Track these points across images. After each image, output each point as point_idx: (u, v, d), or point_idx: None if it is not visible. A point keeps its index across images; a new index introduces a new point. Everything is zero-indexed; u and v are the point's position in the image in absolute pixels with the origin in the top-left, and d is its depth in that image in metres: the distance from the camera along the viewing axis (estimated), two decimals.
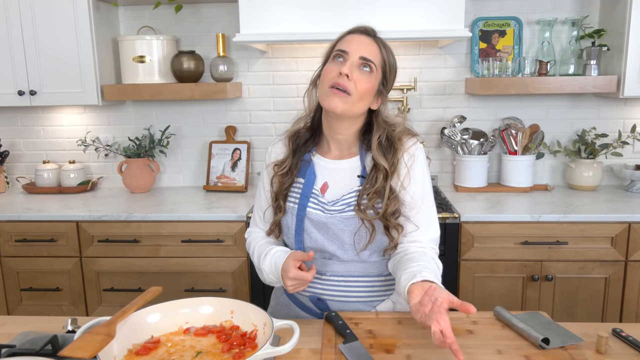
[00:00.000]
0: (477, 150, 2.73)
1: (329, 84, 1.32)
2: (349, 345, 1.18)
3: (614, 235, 2.27)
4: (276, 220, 1.45)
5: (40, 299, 2.52)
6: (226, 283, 2.44)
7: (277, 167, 1.45)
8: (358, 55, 1.32)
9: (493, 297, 2.36)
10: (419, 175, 1.39)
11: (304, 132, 1.47)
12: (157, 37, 2.70)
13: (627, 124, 2.78)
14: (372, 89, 1.35)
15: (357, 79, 1.31)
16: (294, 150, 1.45)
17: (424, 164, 1.42)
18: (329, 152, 1.45)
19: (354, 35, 1.36)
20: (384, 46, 1.37)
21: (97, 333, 1.05)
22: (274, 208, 1.46)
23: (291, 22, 2.35)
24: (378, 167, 1.36)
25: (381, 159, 1.35)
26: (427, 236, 1.40)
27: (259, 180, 1.57)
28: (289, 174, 1.44)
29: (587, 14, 2.69)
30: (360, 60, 1.32)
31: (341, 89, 1.30)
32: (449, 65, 2.82)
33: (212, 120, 2.95)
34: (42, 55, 2.58)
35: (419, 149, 1.41)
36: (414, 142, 1.42)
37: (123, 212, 2.43)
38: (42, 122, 3.00)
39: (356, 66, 1.32)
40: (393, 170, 1.36)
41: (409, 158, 1.39)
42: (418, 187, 1.39)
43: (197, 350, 1.12)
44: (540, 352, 1.15)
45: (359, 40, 1.34)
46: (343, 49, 1.33)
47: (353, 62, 1.32)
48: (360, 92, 1.32)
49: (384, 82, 1.38)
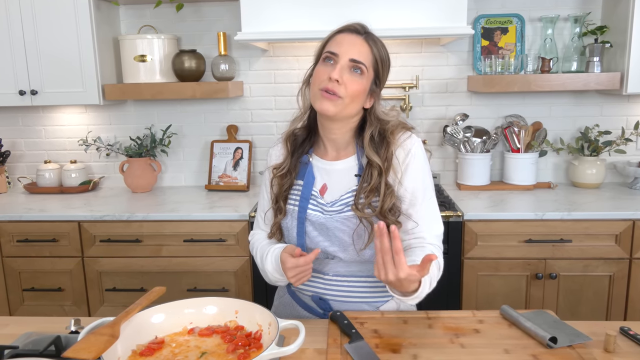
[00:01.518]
0: (480, 148, 2.72)
1: (319, 86, 1.31)
2: (354, 345, 1.17)
3: (619, 233, 2.26)
4: (276, 222, 1.45)
5: (42, 299, 2.51)
6: (229, 283, 2.43)
7: (276, 170, 1.44)
8: (348, 57, 1.29)
9: (497, 296, 2.35)
10: (416, 170, 1.36)
11: (300, 132, 1.46)
12: (158, 36, 2.69)
13: (630, 121, 2.77)
14: (363, 90, 1.33)
15: (347, 82, 1.29)
16: (291, 151, 1.44)
17: (421, 157, 1.38)
18: (326, 154, 1.44)
19: (344, 35, 1.33)
20: (374, 44, 1.33)
21: (101, 334, 1.04)
22: (274, 210, 1.45)
23: (293, 20, 2.34)
24: (372, 164, 1.34)
25: (373, 155, 1.34)
26: (431, 232, 1.38)
27: (262, 181, 1.56)
28: (288, 175, 1.43)
29: (590, 10, 2.68)
30: (350, 63, 1.30)
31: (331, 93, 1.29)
32: (451, 62, 2.80)
33: (214, 120, 2.94)
34: (43, 55, 2.57)
35: (415, 143, 1.38)
36: (409, 135, 1.39)
37: (125, 212, 2.42)
38: (43, 122, 2.99)
39: (346, 68, 1.30)
40: (387, 165, 1.34)
41: (403, 152, 1.36)
42: (417, 182, 1.37)
43: (201, 350, 1.11)
44: (548, 351, 1.14)
45: (348, 40, 1.31)
46: (333, 50, 1.31)
47: (343, 65, 1.29)
48: (352, 95, 1.30)
49: (377, 81, 1.36)
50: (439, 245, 1.39)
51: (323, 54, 1.33)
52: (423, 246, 1.35)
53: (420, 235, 1.37)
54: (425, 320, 1.31)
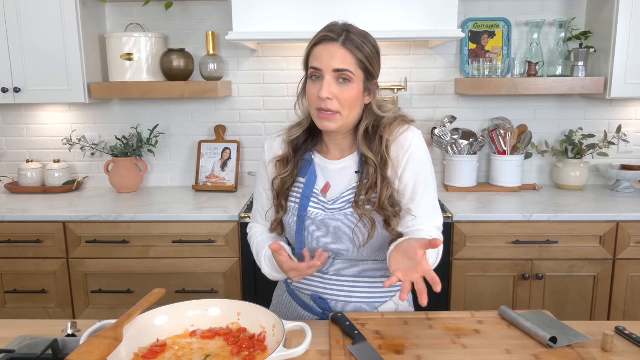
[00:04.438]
0: (467, 150, 2.75)
1: (315, 106, 1.31)
2: (358, 346, 1.17)
3: (603, 234, 2.31)
4: (278, 218, 1.44)
5: (25, 301, 2.45)
6: (217, 284, 2.41)
7: (280, 165, 1.43)
8: (331, 69, 1.27)
9: (484, 297, 2.38)
10: (416, 164, 1.34)
11: (302, 135, 1.44)
12: (146, 34, 2.65)
13: (612, 125, 2.83)
14: (357, 94, 1.31)
15: (338, 94, 1.28)
16: (294, 151, 1.43)
17: (421, 151, 1.36)
18: (329, 153, 1.43)
19: (322, 47, 1.29)
20: (353, 45, 1.27)
21: (104, 337, 1.02)
22: (275, 207, 1.45)
23: (284, 20, 2.33)
24: (367, 160, 1.34)
25: (366, 151, 1.33)
26: (431, 224, 1.36)
27: (257, 176, 1.55)
28: (290, 174, 1.42)
29: (574, 16, 2.73)
30: (335, 74, 1.27)
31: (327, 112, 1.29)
32: (439, 65, 2.83)
33: (201, 120, 2.91)
34: (27, 52, 2.51)
35: (414, 136, 1.35)
36: (406, 128, 1.36)
37: (112, 213, 2.38)
38: (25, 120, 2.92)
39: (333, 80, 1.28)
40: (383, 160, 1.32)
41: (402, 147, 1.34)
42: (418, 175, 1.35)
43: (205, 353, 1.10)
44: (548, 351, 1.16)
45: (327, 52, 1.27)
46: (315, 66, 1.29)
47: (329, 80, 1.27)
48: (348, 105, 1.29)
49: (369, 77, 1.32)
50: (439, 236, 1.36)
51: (309, 69, 1.32)
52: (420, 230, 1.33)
53: (419, 227, 1.34)
54: (426, 321, 1.32)
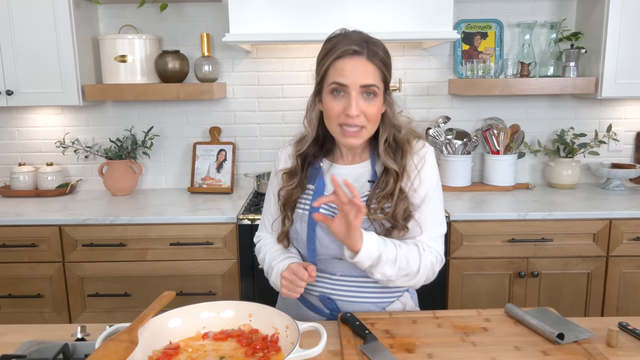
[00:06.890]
0: (461, 150, 2.78)
1: (337, 121, 1.31)
2: (370, 345, 1.18)
3: (596, 232, 2.35)
4: (284, 230, 1.45)
5: (20, 306, 2.43)
6: (215, 286, 2.41)
7: (287, 177, 1.43)
8: (358, 85, 1.27)
9: (481, 295, 2.40)
10: (428, 177, 1.40)
11: (309, 148, 1.44)
12: (140, 36, 2.64)
13: (602, 124, 2.88)
14: (380, 107, 1.33)
15: (364, 109, 1.29)
16: (302, 164, 1.44)
17: (432, 164, 1.42)
18: (341, 158, 1.45)
19: (345, 61, 1.28)
20: (376, 57, 1.29)
21: (120, 340, 1.02)
22: (282, 218, 1.45)
23: (281, 21, 2.34)
24: (388, 171, 1.36)
25: (390, 162, 1.35)
26: (426, 234, 1.39)
27: (268, 184, 1.56)
28: (299, 186, 1.43)
29: (565, 17, 2.77)
30: (362, 89, 1.28)
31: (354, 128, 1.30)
32: (432, 66, 2.86)
33: (196, 121, 2.90)
34: (20, 54, 2.49)
35: (428, 151, 1.42)
36: (423, 144, 1.42)
37: (107, 216, 2.37)
38: (16, 123, 2.89)
39: (360, 96, 1.28)
40: (402, 172, 1.36)
41: (418, 160, 1.39)
42: (427, 186, 1.39)
43: (220, 355, 1.10)
44: (556, 347, 1.18)
45: (352, 67, 1.27)
46: (340, 82, 1.27)
47: (355, 96, 1.27)
48: (373, 119, 1.31)
49: (386, 87, 1.35)
50: (429, 245, 1.38)
51: (330, 84, 1.30)
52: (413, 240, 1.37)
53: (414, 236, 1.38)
54: (434, 319, 1.33)
